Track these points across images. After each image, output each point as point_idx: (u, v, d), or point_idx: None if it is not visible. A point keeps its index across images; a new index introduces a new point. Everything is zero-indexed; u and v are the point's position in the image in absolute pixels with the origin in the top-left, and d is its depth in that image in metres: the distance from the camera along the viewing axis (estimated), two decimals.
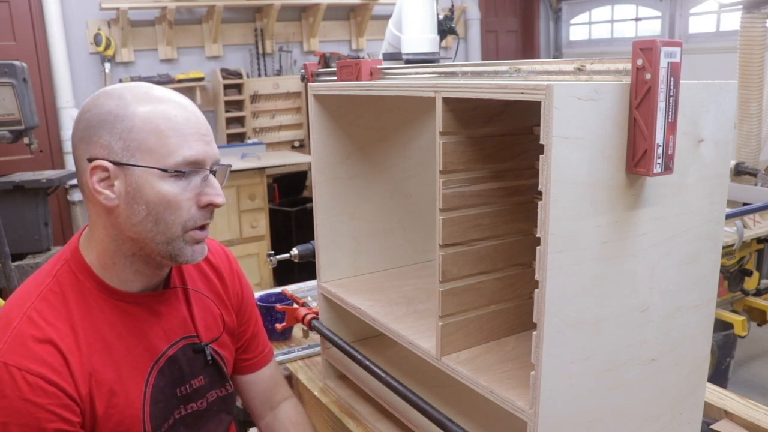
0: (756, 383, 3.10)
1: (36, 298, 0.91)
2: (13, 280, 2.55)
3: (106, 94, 0.92)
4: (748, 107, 3.25)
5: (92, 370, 0.91)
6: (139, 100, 0.90)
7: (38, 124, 2.81)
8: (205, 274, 1.12)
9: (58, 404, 0.86)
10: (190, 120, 0.92)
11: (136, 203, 0.90)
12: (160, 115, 0.90)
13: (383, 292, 1.24)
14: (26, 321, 0.89)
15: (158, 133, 0.89)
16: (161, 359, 0.99)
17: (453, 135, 0.88)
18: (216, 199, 0.94)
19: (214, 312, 1.10)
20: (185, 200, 0.91)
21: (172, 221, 0.91)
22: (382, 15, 5.25)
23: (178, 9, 4.61)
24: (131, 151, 0.89)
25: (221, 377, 1.09)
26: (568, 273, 0.75)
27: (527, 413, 0.80)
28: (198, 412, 1.05)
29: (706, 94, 0.83)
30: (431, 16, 2.25)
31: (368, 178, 1.31)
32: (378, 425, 1.19)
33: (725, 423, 1.16)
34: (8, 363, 0.85)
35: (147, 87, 0.94)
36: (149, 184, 0.89)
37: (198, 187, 0.93)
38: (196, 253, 0.96)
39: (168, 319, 1.02)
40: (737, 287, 2.79)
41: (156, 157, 0.89)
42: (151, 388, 0.97)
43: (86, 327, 0.92)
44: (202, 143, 0.92)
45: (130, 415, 0.94)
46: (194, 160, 0.91)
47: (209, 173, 0.94)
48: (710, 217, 0.90)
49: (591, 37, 6.57)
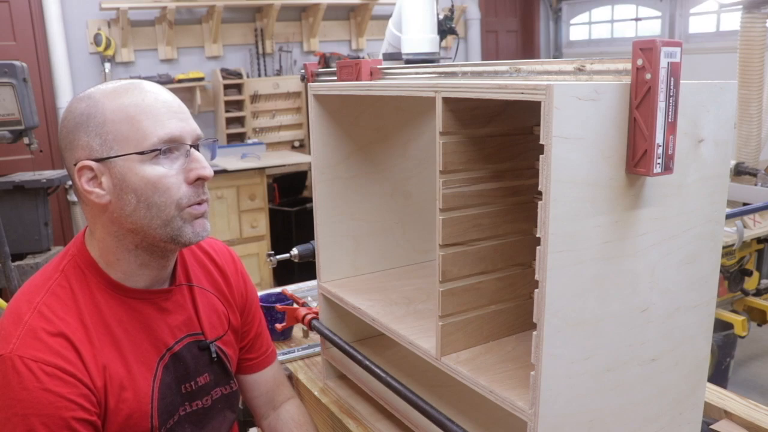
0: (756, 383, 3.10)
1: (45, 293, 0.92)
2: (13, 280, 2.55)
3: (77, 98, 0.94)
4: (748, 107, 3.25)
5: (105, 363, 0.92)
6: (107, 96, 0.91)
7: (38, 124, 2.81)
8: (209, 273, 1.12)
9: (78, 393, 0.87)
10: (158, 100, 0.92)
11: (125, 193, 0.90)
12: (129, 102, 0.90)
13: (383, 292, 1.24)
14: (37, 315, 0.89)
15: (129, 120, 0.90)
16: (166, 355, 1.00)
17: (453, 135, 0.88)
18: (202, 172, 0.93)
19: (219, 310, 1.11)
20: (171, 178, 0.91)
21: (163, 203, 0.91)
22: (382, 15, 5.25)
23: (178, 9, 4.61)
24: (109, 144, 0.90)
25: (226, 375, 1.10)
26: (568, 273, 0.75)
27: (527, 413, 0.80)
28: (203, 409, 1.06)
29: (706, 94, 0.83)
30: (431, 16, 2.25)
31: (368, 178, 1.31)
32: (378, 425, 1.19)
33: (725, 423, 1.16)
34: (24, 356, 0.85)
35: (114, 82, 0.95)
36: (132, 171, 0.90)
37: (183, 163, 0.93)
38: (197, 228, 0.95)
39: (173, 316, 1.02)
40: (737, 287, 2.79)
41: (132, 143, 0.89)
42: (158, 383, 0.98)
43: (95, 322, 0.93)
44: (175, 120, 0.92)
45: (138, 409, 0.95)
46: (170, 137, 0.91)
47: (191, 148, 0.93)
48: (710, 217, 0.90)
49: (591, 37, 6.57)
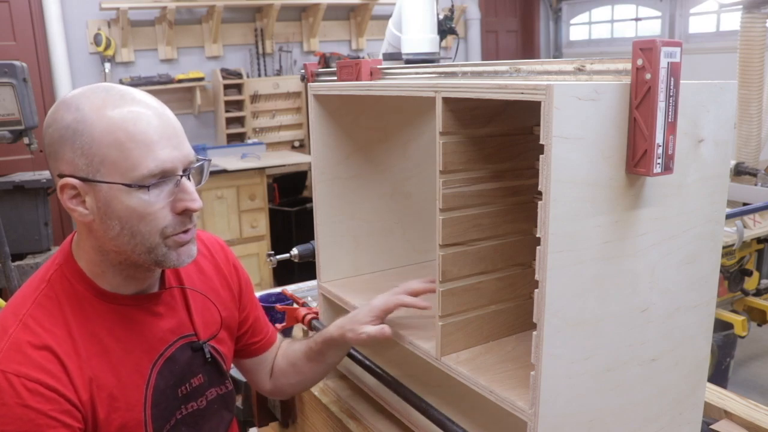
0: (756, 383, 3.10)
1: (31, 305, 0.90)
2: (13, 280, 2.55)
3: (65, 104, 0.87)
4: (748, 107, 3.25)
5: (92, 375, 0.89)
6: (96, 109, 0.85)
7: (38, 124, 2.81)
8: (200, 268, 1.11)
9: (59, 410, 0.85)
10: (151, 124, 0.86)
11: (108, 218, 0.87)
12: (120, 124, 0.84)
13: (383, 292, 1.24)
14: (22, 328, 0.87)
15: (119, 146, 0.84)
16: (159, 360, 0.98)
17: (453, 135, 0.88)
18: (191, 204, 0.89)
19: (211, 308, 1.09)
20: (158, 210, 0.87)
21: (147, 231, 0.88)
22: (382, 15, 5.25)
23: (178, 9, 4.61)
24: (95, 167, 0.85)
25: (220, 375, 1.09)
26: (568, 273, 0.75)
27: (527, 413, 0.80)
28: (198, 410, 1.05)
29: (706, 94, 0.83)
30: (431, 16, 2.25)
31: (368, 178, 1.31)
32: (378, 425, 1.19)
33: (725, 423, 1.16)
34: (6, 371, 0.83)
35: (106, 91, 0.88)
36: (117, 199, 0.86)
37: (171, 193, 0.88)
38: (182, 256, 0.92)
39: (165, 319, 1.01)
40: (737, 287, 2.79)
41: (120, 171, 0.84)
42: (152, 390, 0.96)
43: (83, 332, 0.91)
44: (169, 149, 0.86)
45: (131, 419, 0.93)
46: (161, 170, 0.86)
47: (181, 177, 0.89)
48: (710, 217, 0.90)
49: (591, 37, 6.57)
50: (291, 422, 1.47)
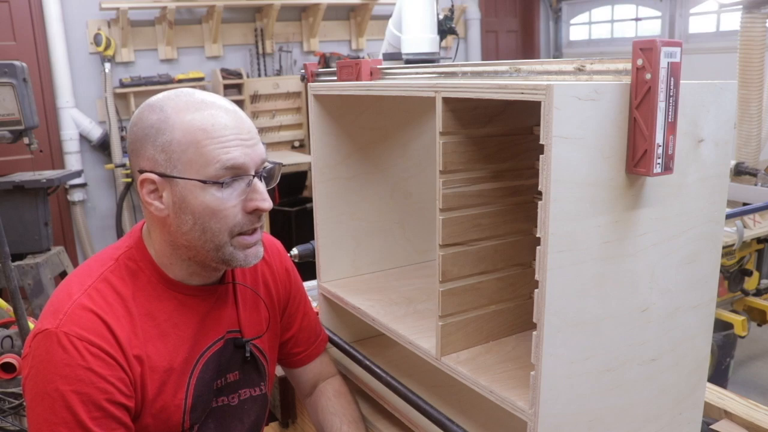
0: (756, 383, 3.10)
1: (97, 278, 0.94)
2: (13, 280, 2.55)
3: (150, 106, 0.94)
4: (748, 107, 3.25)
5: (146, 355, 0.93)
6: (178, 111, 0.91)
7: (38, 124, 2.81)
8: (255, 267, 1.12)
9: (117, 377, 0.89)
10: (228, 126, 0.91)
11: (183, 213, 0.92)
12: (198, 125, 0.90)
13: (383, 292, 1.24)
14: (86, 296, 0.91)
15: (196, 144, 0.90)
16: (207, 352, 1.01)
17: (453, 135, 0.88)
18: (261, 204, 0.94)
19: (261, 309, 1.12)
20: (230, 207, 0.92)
21: (218, 229, 0.93)
22: (382, 15, 5.25)
23: (178, 9, 4.61)
24: (173, 163, 0.91)
25: (258, 376, 1.10)
26: (568, 273, 0.75)
27: (527, 413, 0.80)
28: (228, 407, 1.06)
29: (706, 94, 0.83)
30: (431, 16, 2.25)
31: (368, 178, 1.31)
32: (378, 425, 1.19)
33: (725, 423, 1.16)
34: (69, 333, 0.87)
35: (188, 95, 0.94)
36: (192, 194, 0.91)
37: (243, 192, 0.93)
38: (249, 257, 0.97)
39: (219, 312, 1.04)
40: (737, 287, 2.79)
41: (195, 168, 0.90)
42: (195, 380, 0.99)
43: (142, 313, 0.94)
44: (242, 148, 0.92)
45: (173, 404, 0.96)
46: (233, 166, 0.91)
47: (253, 177, 0.94)
48: (710, 217, 0.90)
49: (591, 37, 6.57)
50: (291, 422, 1.47)
